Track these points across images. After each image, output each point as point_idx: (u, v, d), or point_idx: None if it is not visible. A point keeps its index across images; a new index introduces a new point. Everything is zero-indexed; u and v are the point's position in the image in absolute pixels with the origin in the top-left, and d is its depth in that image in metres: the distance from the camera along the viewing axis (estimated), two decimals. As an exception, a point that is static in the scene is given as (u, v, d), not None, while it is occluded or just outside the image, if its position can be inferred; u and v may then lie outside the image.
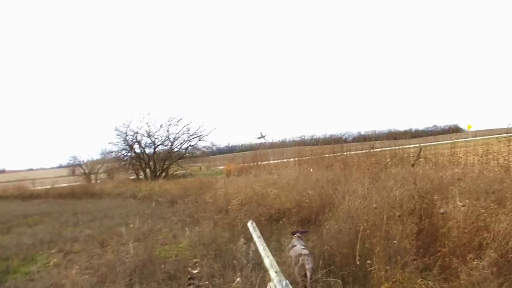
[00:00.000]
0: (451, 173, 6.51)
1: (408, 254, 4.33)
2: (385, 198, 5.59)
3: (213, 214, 8.68)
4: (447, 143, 9.39)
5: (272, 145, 23.98)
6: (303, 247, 4.57)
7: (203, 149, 33.64)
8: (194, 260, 5.74)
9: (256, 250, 5.39)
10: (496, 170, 6.32)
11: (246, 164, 19.95)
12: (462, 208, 4.47)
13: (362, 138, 11.86)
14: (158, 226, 8.78)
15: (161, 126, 29.57)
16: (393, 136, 11.45)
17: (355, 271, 4.38)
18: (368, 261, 4.18)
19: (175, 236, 7.66)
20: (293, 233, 5.15)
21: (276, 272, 0.76)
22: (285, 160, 15.49)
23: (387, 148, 9.89)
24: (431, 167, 7.50)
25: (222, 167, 27.39)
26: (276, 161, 17.23)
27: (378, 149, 9.96)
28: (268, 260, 0.82)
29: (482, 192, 5.20)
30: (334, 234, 5.26)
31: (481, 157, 7.06)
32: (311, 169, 10.11)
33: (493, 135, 8.89)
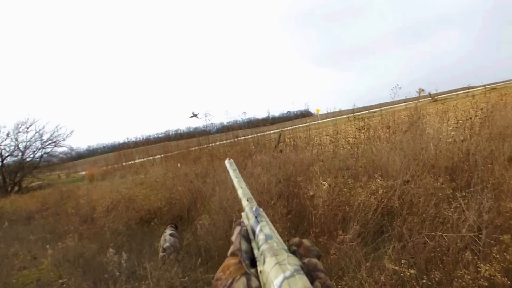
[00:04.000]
0: (309, 154, 6.88)
1: (281, 236, 4.39)
2: (253, 185, 5.60)
3: (77, 225, 7.62)
4: (302, 126, 10.01)
5: (136, 144, 22.55)
6: (171, 232, 5.08)
7: (61, 155, 29.72)
8: (60, 281, 5.03)
9: (129, 259, 4.99)
10: (346, 147, 6.87)
11: (110, 167, 18.41)
12: (325, 186, 4.69)
13: (226, 129, 11.92)
14: (13, 249, 7.26)
15: (8, 135, 24.95)
16: (254, 124, 11.75)
17: (233, 262, 4.25)
18: (244, 250, 4.10)
19: (35, 257, 6.46)
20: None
21: (247, 199, 0.60)
22: (151, 157, 14.72)
23: (249, 136, 10.09)
24: (291, 150, 7.85)
25: (84, 173, 24.73)
26: (142, 159, 16.29)
27: (241, 138, 10.10)
28: (240, 190, 0.66)
29: (339, 169, 5.59)
30: (209, 228, 5.11)
31: (332, 137, 7.62)
32: (179, 164, 9.73)
33: (339, 116, 9.79)
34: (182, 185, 7.38)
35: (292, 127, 11.13)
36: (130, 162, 17.42)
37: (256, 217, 0.65)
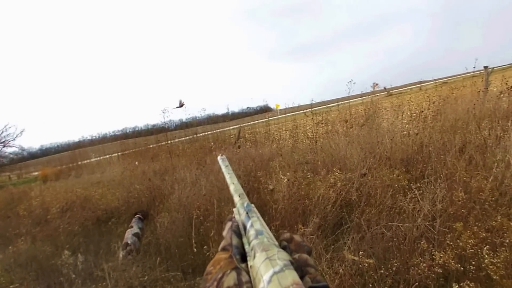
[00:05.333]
0: (269, 149, 6.88)
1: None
2: (213, 181, 5.54)
3: (29, 228, 7.20)
4: (262, 121, 10.00)
5: (92, 142, 21.80)
6: (136, 231, 5.03)
7: (11, 156, 28.10)
8: (11, 286, 4.70)
9: (85, 260, 4.82)
10: (305, 142, 6.93)
11: (64, 166, 17.66)
12: (285, 181, 4.69)
13: (185, 125, 11.72)
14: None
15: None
16: (213, 120, 11.67)
17: (194, 260, 4.28)
18: (205, 247, 4.13)
19: (-17, 263, 6.07)
20: (135, 214, 5.53)
21: (239, 195, 0.62)
22: (108, 156, 14.30)
23: (209, 132, 9.99)
24: (250, 145, 7.83)
25: (36, 173, 23.53)
26: (98, 158, 15.80)
27: (201, 134, 9.98)
28: (232, 186, 0.68)
29: (298, 164, 5.62)
30: (168, 226, 5.00)
31: (291, 131, 7.67)
32: (137, 162, 9.51)
33: (298, 111, 9.89)
34: (140, 183, 7.21)
35: (252, 122, 11.15)
36: (85, 161, 16.91)
37: (247, 213, 0.66)
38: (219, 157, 1.01)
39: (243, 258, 0.58)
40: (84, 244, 5.79)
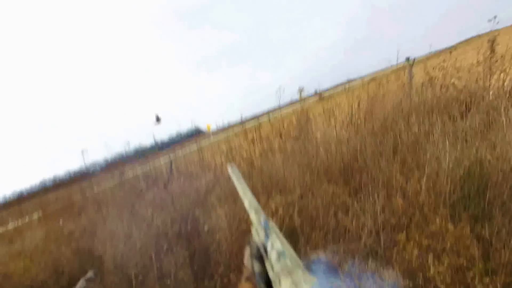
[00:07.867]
0: (205, 180, 6.74)
1: (187, 285, 4.24)
2: (145, 230, 5.30)
3: None
4: (195, 150, 9.83)
5: (6, 205, 20.22)
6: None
7: None
8: None
9: None
10: (242, 165, 6.87)
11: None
12: (223, 217, 4.59)
13: (111, 165, 11.22)
14: None
15: None
16: (141, 153, 11.34)
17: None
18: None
19: None
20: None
21: (255, 211, 0.74)
22: (27, 218, 13.32)
23: (138, 171, 9.61)
24: (184, 179, 7.64)
25: None
26: (16, 223, 14.68)
27: (130, 176, 9.57)
28: (247, 201, 0.59)
29: (236, 192, 5.51)
30: None
31: (226, 155, 7.59)
32: (61, 221, 8.95)
33: (231, 129, 9.88)
34: (68, 246, 6.72)
35: (183, 153, 10.92)
36: (1, 231, 15.70)
37: (265, 231, 0.65)
38: (229, 168, 0.99)
39: (269, 284, 0.59)
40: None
